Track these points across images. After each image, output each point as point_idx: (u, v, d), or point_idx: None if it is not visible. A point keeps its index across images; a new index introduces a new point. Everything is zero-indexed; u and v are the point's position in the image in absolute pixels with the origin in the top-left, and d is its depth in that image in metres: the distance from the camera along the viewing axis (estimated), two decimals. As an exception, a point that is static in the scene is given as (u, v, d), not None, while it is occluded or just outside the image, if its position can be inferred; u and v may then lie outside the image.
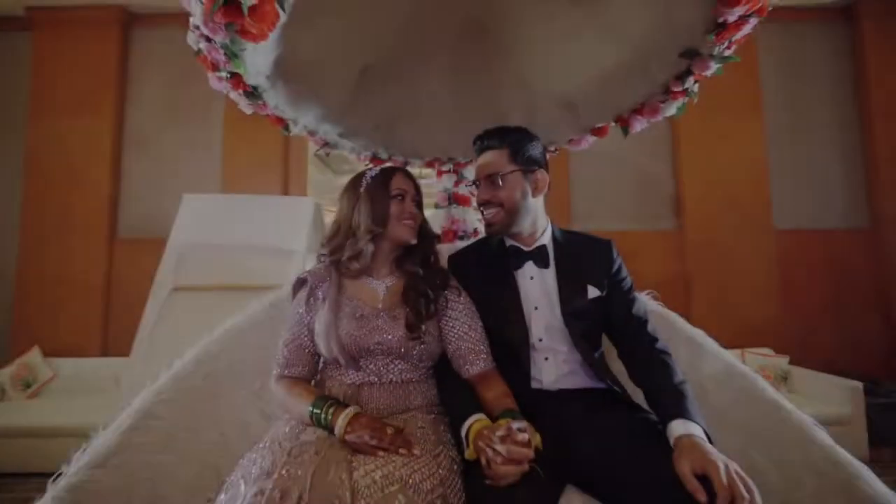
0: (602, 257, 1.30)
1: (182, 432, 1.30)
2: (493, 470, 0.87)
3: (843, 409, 3.32)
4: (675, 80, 1.45)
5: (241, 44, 1.04)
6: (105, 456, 1.13)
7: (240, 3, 0.87)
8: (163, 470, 1.23)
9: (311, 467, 0.82)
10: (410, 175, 1.29)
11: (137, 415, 1.24)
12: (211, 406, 1.38)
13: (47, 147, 4.51)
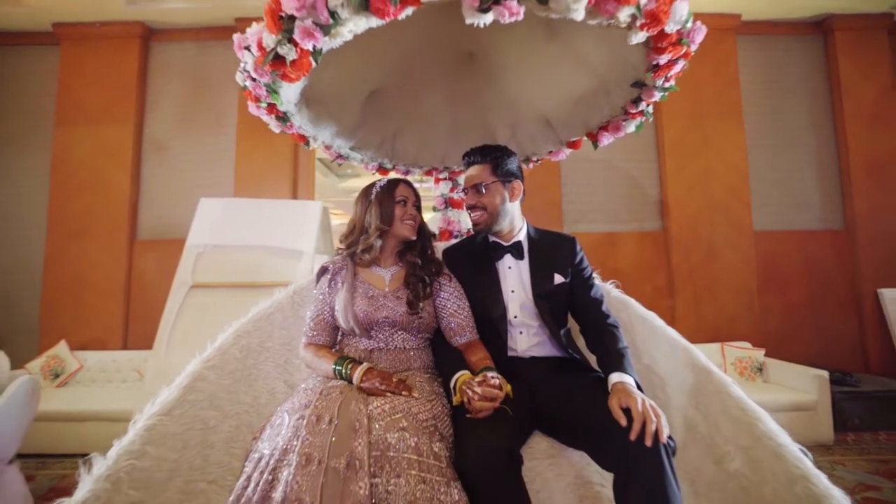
0: (567, 251, 1.59)
1: (223, 393, 1.59)
2: (472, 405, 1.16)
3: (810, 397, 3.59)
4: (630, 104, 1.74)
5: (280, 83, 1.34)
6: (169, 407, 1.42)
7: (284, 57, 1.16)
8: (209, 422, 1.52)
9: (337, 401, 1.11)
10: (411, 184, 1.58)
11: (190, 377, 1.53)
12: (245, 374, 1.67)
13: (72, 153, 4.82)
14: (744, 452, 1.32)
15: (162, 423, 1.38)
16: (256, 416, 1.63)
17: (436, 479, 1.02)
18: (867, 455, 3.32)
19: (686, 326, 4.52)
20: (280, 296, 1.87)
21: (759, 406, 1.34)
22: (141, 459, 1.31)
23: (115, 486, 1.23)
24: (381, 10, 1.04)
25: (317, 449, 1.00)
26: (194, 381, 1.52)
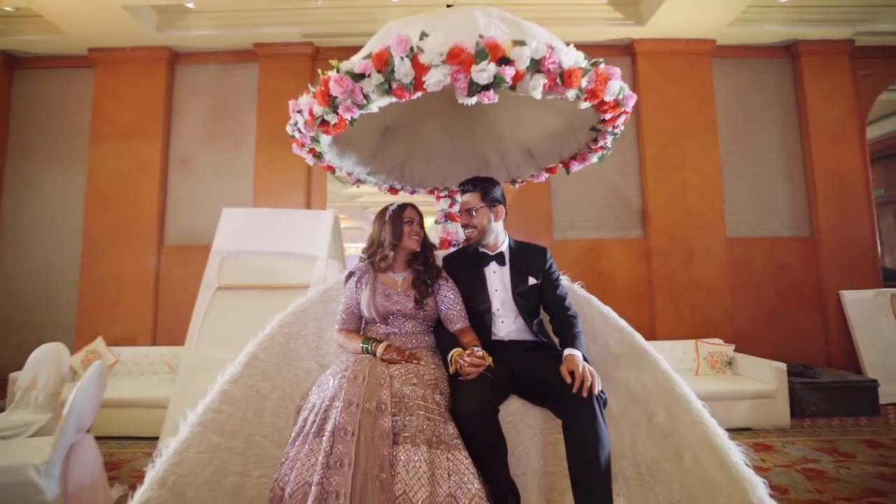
0: (539, 259, 2.03)
1: (272, 369, 2.03)
2: (462, 370, 1.61)
3: (770, 386, 4.03)
4: (592, 142, 2.19)
5: (321, 135, 1.79)
6: (235, 377, 1.87)
7: (328, 121, 1.62)
8: (262, 391, 1.96)
9: (367, 366, 1.56)
10: (416, 207, 2.03)
11: (248, 356, 1.98)
12: (287, 355, 2.11)
13: (105, 167, 5.29)
14: (666, 409, 1.76)
15: (230, 389, 1.84)
16: (296, 389, 2.07)
17: (437, 418, 1.47)
18: (817, 437, 3.76)
19: (665, 325, 4.99)
20: (313, 294, 2.32)
21: (679, 376, 1.79)
22: (218, 413, 1.76)
23: (202, 430, 1.68)
24: (400, 94, 1.50)
25: (355, 396, 1.45)
26: (251, 359, 1.97)
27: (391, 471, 1.37)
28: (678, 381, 1.76)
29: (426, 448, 1.42)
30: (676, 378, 1.78)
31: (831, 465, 3.20)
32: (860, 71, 5.36)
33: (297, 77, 5.35)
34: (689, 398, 1.71)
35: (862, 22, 5.09)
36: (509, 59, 1.45)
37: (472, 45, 1.45)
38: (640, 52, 5.30)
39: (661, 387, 1.81)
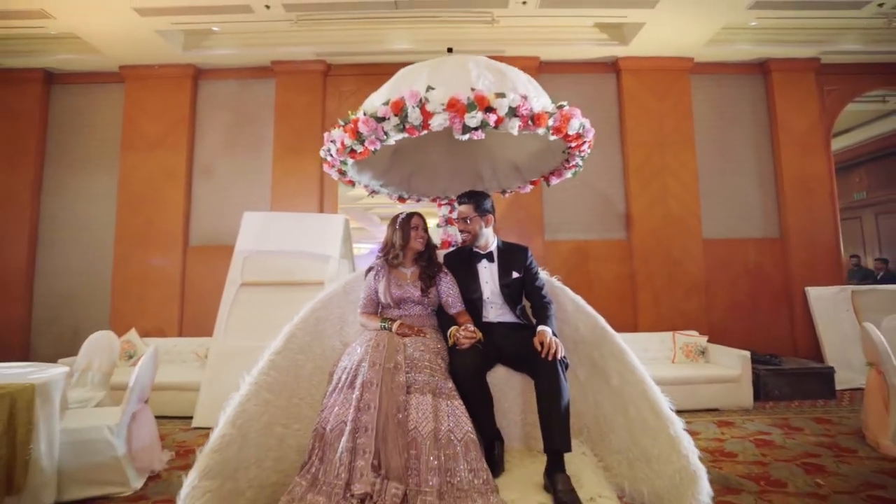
0: (521, 257, 2.51)
1: (306, 345, 2.51)
2: (458, 342, 2.10)
3: (735, 372, 4.52)
4: (565, 161, 2.68)
5: (348, 160, 2.29)
6: (278, 350, 2.34)
7: (355, 150, 2.11)
8: (298, 362, 2.44)
9: (386, 338, 2.04)
10: (421, 215, 2.51)
11: (287, 334, 2.46)
12: (317, 334, 2.59)
13: (135, 174, 5.80)
14: (618, 374, 2.25)
15: (276, 359, 2.32)
16: (324, 361, 2.55)
17: (439, 376, 1.96)
18: (774, 416, 4.24)
19: (646, 319, 5.48)
20: (336, 286, 2.80)
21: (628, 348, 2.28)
22: (267, 376, 2.24)
23: (258, 389, 2.17)
24: (411, 132, 1.99)
25: (377, 359, 1.94)
26: (290, 336, 2.45)
27: (405, 412, 1.86)
28: (628, 352, 2.25)
29: (431, 396, 1.91)
30: (627, 350, 2.26)
31: (780, 436, 3.69)
32: (826, 86, 5.85)
33: (311, 92, 5.86)
34: (635, 365, 2.19)
35: (826, 42, 5.57)
36: (493, 108, 1.95)
37: (465, 98, 1.94)
38: (624, 69, 5.80)
39: (615, 357, 2.29)
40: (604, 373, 2.34)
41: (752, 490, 2.76)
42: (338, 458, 1.81)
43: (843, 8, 4.89)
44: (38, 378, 2.62)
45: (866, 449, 3.37)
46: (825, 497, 2.65)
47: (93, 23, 4.97)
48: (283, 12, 4.87)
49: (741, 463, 3.17)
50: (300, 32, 5.36)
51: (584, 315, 2.55)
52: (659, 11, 4.84)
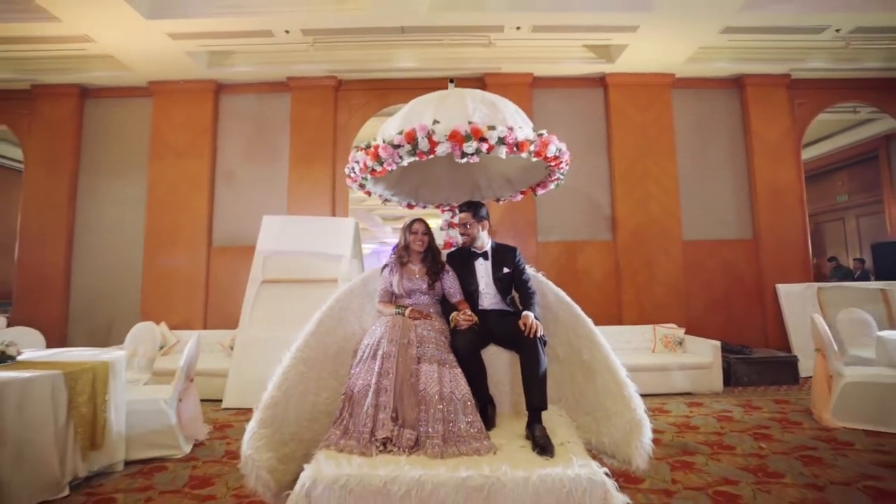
0: (511, 255, 3.03)
1: (331, 329, 3.03)
2: (458, 324, 2.63)
3: (707, 359, 5.04)
4: (548, 176, 3.20)
5: (368, 176, 2.81)
6: (310, 332, 2.87)
7: (375, 170, 2.63)
8: (325, 342, 2.96)
9: (400, 320, 2.57)
10: (423, 220, 3.03)
11: (317, 320, 2.99)
12: (341, 321, 3.11)
13: (163, 181, 6.32)
14: (589, 350, 2.77)
15: (309, 339, 2.83)
16: (346, 343, 3.06)
17: (443, 350, 2.49)
18: (740, 398, 4.76)
19: (630, 313, 6.00)
20: (356, 280, 3.32)
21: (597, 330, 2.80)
22: (302, 353, 2.76)
23: (295, 363, 2.68)
24: (421, 156, 2.51)
25: (394, 336, 2.46)
26: (319, 321, 2.97)
27: (416, 377, 2.39)
28: (597, 333, 2.77)
29: (437, 366, 2.43)
30: (596, 331, 2.78)
31: (740, 413, 4.21)
32: (796, 100, 6.37)
33: (323, 105, 6.39)
34: (602, 343, 2.71)
35: (795, 61, 6.09)
36: (485, 138, 2.47)
37: (464, 130, 2.46)
38: (611, 84, 6.32)
39: (587, 338, 2.81)
40: (578, 350, 2.86)
41: (705, 453, 3.28)
42: (364, 412, 2.33)
43: (805, 32, 5.41)
44: (109, 357, 3.15)
45: (811, 422, 3.90)
46: (764, 457, 3.17)
47: (129, 45, 5.49)
48: (301, 36, 5.40)
49: (701, 433, 3.70)
50: (314, 52, 5.88)
51: (563, 304, 3.07)
52: (640, 35, 5.36)
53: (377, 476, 1.95)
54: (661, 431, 3.77)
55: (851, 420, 3.74)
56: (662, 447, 3.41)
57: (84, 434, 2.83)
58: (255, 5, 4.96)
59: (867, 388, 3.75)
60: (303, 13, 5.01)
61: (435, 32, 5.38)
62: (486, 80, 6.28)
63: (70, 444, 2.76)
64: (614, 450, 2.51)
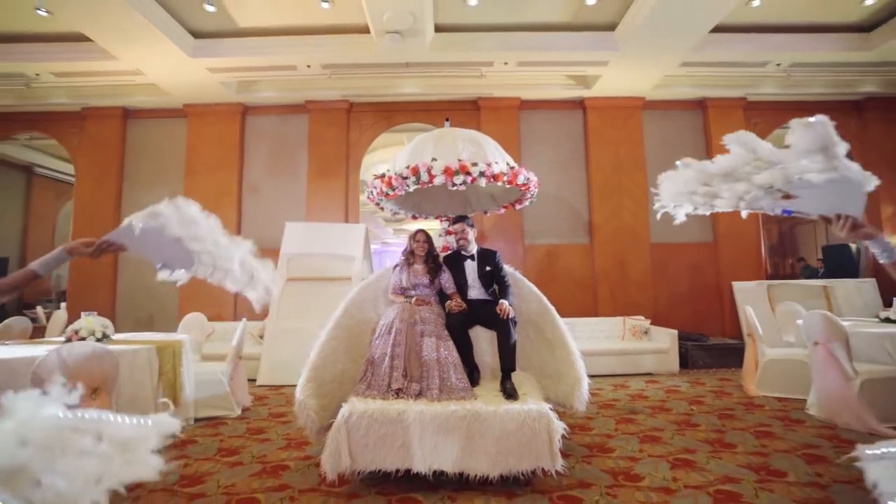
0: (492, 257, 3.91)
1: (354, 313, 3.94)
2: (451, 309, 3.52)
3: (666, 345, 5.93)
4: (521, 196, 4.10)
5: (383, 198, 3.71)
6: (339, 314, 3.77)
7: (388, 194, 3.53)
8: (350, 324, 3.87)
9: (408, 307, 3.46)
10: (425, 231, 3.92)
11: (342, 308, 3.89)
12: (362, 307, 4.02)
13: (196, 192, 7.23)
14: (551, 329, 3.67)
15: (338, 321, 3.74)
16: (364, 327, 3.97)
17: (440, 327, 3.38)
18: (692, 377, 5.65)
19: (604, 307, 6.90)
20: (372, 277, 4.22)
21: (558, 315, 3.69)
22: (335, 331, 3.68)
23: (328, 339, 3.58)
24: (422, 185, 3.41)
25: (404, 317, 3.36)
26: (345, 309, 3.88)
27: (420, 347, 3.29)
28: (557, 318, 3.67)
29: (435, 339, 3.33)
30: (557, 317, 3.68)
31: (687, 387, 5.11)
32: (752, 119, 7.26)
33: (337, 125, 7.29)
34: (560, 325, 3.61)
35: (750, 87, 6.98)
36: (470, 172, 3.37)
37: (454, 167, 3.36)
38: (588, 107, 7.22)
39: (551, 321, 3.71)
40: (543, 331, 3.77)
41: (646, 413, 4.18)
42: (383, 371, 3.23)
43: (752, 66, 6.31)
44: (181, 337, 4.06)
45: (740, 394, 4.79)
46: (692, 414, 4.07)
47: (172, 77, 6.41)
48: (320, 69, 6.31)
49: (648, 401, 4.60)
50: (330, 81, 6.79)
51: (534, 296, 3.98)
52: (610, 68, 6.26)
53: (393, 409, 2.85)
54: (618, 400, 4.67)
55: (770, 390, 4.64)
56: (615, 409, 4.31)
57: (168, 393, 3.74)
58: (283, 46, 5.87)
59: (784, 364, 4.64)
60: (323, 52, 5.93)
61: (435, 66, 6.29)
62: (479, 104, 7.18)
63: (159, 399, 3.67)
64: (564, 400, 3.42)
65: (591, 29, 5.79)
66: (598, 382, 5.37)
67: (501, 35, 5.82)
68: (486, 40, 5.82)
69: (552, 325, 3.70)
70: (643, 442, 3.47)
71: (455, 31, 5.81)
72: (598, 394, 4.89)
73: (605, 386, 5.25)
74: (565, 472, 2.75)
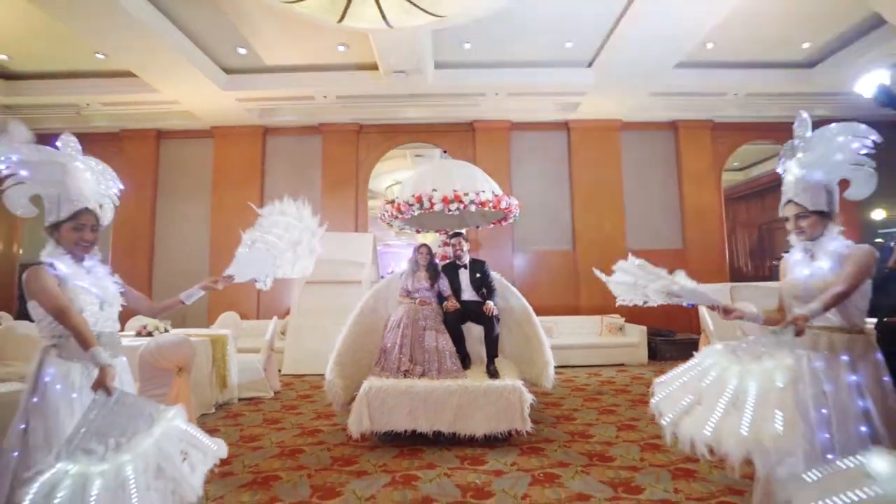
0: (481, 266, 4.78)
1: (367, 314, 4.83)
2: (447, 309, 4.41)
3: (636, 340, 6.81)
4: (505, 215, 4.98)
5: (394, 220, 4.60)
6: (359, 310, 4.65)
7: (396, 216, 4.42)
8: (364, 323, 4.76)
9: (413, 306, 4.35)
10: (427, 245, 4.79)
11: (359, 308, 4.78)
12: (376, 304, 4.91)
13: (222, 205, 8.12)
14: (528, 323, 4.55)
15: (355, 319, 4.63)
16: (376, 324, 4.85)
17: (439, 323, 4.26)
18: (656, 367, 6.53)
19: (586, 306, 7.78)
20: (382, 282, 5.11)
21: (534, 313, 4.57)
22: (353, 326, 4.57)
23: (349, 332, 4.47)
24: (425, 210, 4.30)
25: (411, 315, 4.24)
26: (360, 309, 4.77)
27: (423, 338, 4.18)
28: (533, 315, 4.55)
29: (434, 332, 4.22)
30: (532, 314, 4.56)
31: (651, 375, 5.98)
32: (718, 139, 8.13)
33: (348, 145, 8.19)
34: (535, 321, 4.49)
35: (716, 111, 7.86)
36: (462, 200, 4.25)
37: (450, 196, 4.24)
38: (572, 128, 8.10)
39: (528, 318, 4.60)
40: (522, 326, 4.65)
41: (611, 394, 5.07)
42: (393, 357, 4.11)
43: (713, 95, 7.19)
44: (226, 332, 4.95)
45: (693, 379, 5.67)
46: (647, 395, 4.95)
47: (205, 105, 7.31)
48: (335, 99, 7.21)
49: (614, 384, 5.48)
50: (342, 108, 7.68)
51: (515, 297, 4.86)
52: (588, 98, 7.14)
53: (402, 385, 3.74)
54: (589, 385, 5.56)
55: (716, 376, 5.52)
56: (585, 392, 5.20)
57: (219, 377, 4.63)
58: (303, 80, 6.77)
59: (728, 355, 5.52)
60: (337, 85, 6.83)
61: (435, 97, 7.18)
62: (474, 126, 8.07)
63: (213, 382, 4.56)
64: (535, 380, 4.30)
65: (570, 66, 6.67)
66: (576, 371, 6.26)
67: (492, 71, 6.71)
68: (479, 76, 6.71)
69: (529, 322, 4.59)
70: (601, 413, 4.36)
71: (452, 67, 6.69)
72: (574, 380, 5.78)
73: (581, 374, 6.14)
74: (534, 433, 3.63)
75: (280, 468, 3.18)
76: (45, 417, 1.79)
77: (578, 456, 3.34)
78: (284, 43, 6.15)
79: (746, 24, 5.70)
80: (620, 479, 2.95)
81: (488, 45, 6.22)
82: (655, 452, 3.35)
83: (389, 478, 3.01)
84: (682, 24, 5.31)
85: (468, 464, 3.25)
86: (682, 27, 5.39)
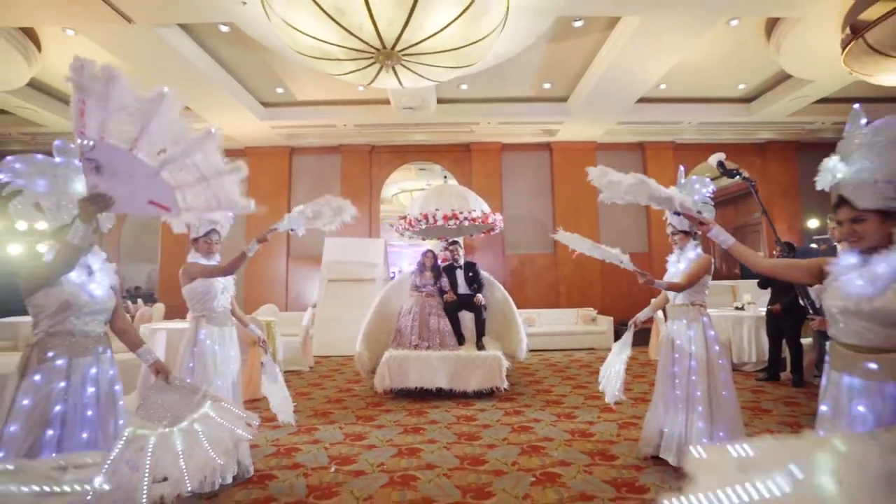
0: (474, 267, 6.14)
1: (384, 304, 6.20)
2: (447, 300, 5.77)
3: (604, 328, 8.18)
4: (493, 227, 6.35)
5: (407, 232, 5.97)
6: (378, 301, 6.03)
7: (408, 229, 5.78)
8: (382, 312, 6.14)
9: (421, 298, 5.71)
10: (431, 250, 6.16)
11: (378, 300, 6.16)
12: (390, 298, 6.29)
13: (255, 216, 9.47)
14: (509, 310, 5.92)
15: (375, 308, 6.01)
16: (392, 312, 6.22)
17: (441, 311, 5.63)
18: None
19: (565, 300, 9.16)
20: (396, 280, 6.48)
21: (513, 304, 5.94)
22: (373, 314, 5.94)
23: (370, 319, 5.86)
24: (430, 225, 5.66)
25: (419, 305, 5.61)
26: (379, 301, 6.15)
27: (428, 322, 5.55)
28: (512, 305, 5.92)
29: (437, 318, 5.59)
30: (512, 304, 5.93)
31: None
32: (680, 158, 9.47)
33: (362, 163, 9.57)
34: (514, 309, 5.87)
35: (676, 134, 9.22)
36: (458, 217, 5.62)
37: (449, 214, 5.61)
38: (554, 149, 9.46)
39: (509, 307, 5.97)
40: (506, 314, 6.02)
41: (576, 368, 6.44)
42: (407, 336, 5.48)
43: (670, 123, 8.56)
44: (272, 318, 6.33)
45: (645, 358, 7.03)
46: (602, 368, 6.33)
47: (243, 131, 8.70)
48: (353, 126, 8.59)
49: (582, 363, 6.85)
50: (358, 132, 9.05)
51: (499, 290, 6.24)
52: (565, 126, 8.51)
53: (413, 355, 5.11)
54: (560, 362, 6.93)
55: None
56: (556, 367, 6.57)
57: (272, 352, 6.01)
58: (327, 112, 8.15)
59: (672, 338, 6.89)
60: (355, 116, 8.20)
61: (437, 125, 8.55)
62: (470, 147, 9.44)
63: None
64: (513, 352, 5.67)
65: (549, 101, 8.04)
66: (553, 354, 7.62)
67: (485, 105, 8.08)
68: (474, 109, 8.08)
69: (510, 310, 5.96)
70: (564, 379, 5.74)
71: (452, 102, 8.06)
72: (549, 358, 7.15)
73: (556, 355, 7.51)
74: (510, 391, 5.00)
75: (331, 408, 4.57)
76: (204, 362, 3.11)
77: (542, 402, 4.72)
78: (314, 84, 7.52)
79: (691, 71, 7.06)
80: (564, 412, 4.33)
81: (481, 85, 7.58)
82: (598, 400, 4.73)
83: (402, 429, 4.39)
84: (637, 73, 6.68)
85: (461, 406, 4.63)
86: (638, 76, 6.76)
